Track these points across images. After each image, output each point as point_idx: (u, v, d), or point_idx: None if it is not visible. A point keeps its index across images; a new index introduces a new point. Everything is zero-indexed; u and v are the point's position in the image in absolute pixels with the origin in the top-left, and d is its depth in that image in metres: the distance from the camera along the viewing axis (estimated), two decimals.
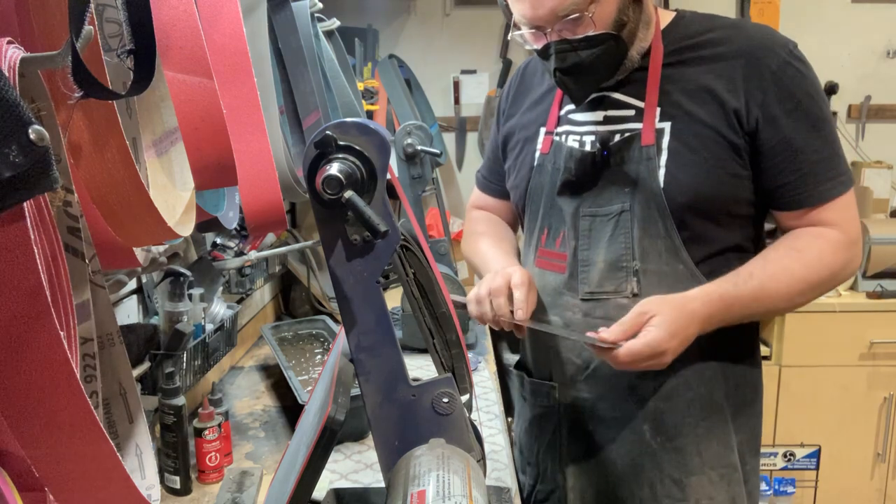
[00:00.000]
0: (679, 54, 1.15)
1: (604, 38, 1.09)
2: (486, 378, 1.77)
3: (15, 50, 0.45)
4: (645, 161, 1.12)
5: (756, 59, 1.09)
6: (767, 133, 1.09)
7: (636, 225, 1.14)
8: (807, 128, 1.09)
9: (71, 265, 0.56)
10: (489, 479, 1.04)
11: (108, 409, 0.71)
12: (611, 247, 1.16)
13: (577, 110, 1.22)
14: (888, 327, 2.64)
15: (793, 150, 1.09)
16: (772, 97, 1.08)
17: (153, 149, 0.76)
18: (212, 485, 1.27)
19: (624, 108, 1.17)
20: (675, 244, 1.12)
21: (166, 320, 1.35)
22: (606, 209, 1.16)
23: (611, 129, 1.17)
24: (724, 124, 1.09)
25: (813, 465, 2.72)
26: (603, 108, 1.19)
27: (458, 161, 3.12)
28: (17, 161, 0.39)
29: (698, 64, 1.13)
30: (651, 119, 1.13)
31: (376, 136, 0.76)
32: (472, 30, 3.00)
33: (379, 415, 0.83)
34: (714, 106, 1.10)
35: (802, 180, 1.10)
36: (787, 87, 1.08)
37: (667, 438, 1.18)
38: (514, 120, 1.35)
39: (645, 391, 1.18)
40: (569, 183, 1.20)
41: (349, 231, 0.78)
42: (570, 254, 1.20)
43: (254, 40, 1.06)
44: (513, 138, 1.34)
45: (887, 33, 2.94)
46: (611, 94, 1.18)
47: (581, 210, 1.18)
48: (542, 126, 1.27)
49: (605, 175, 1.17)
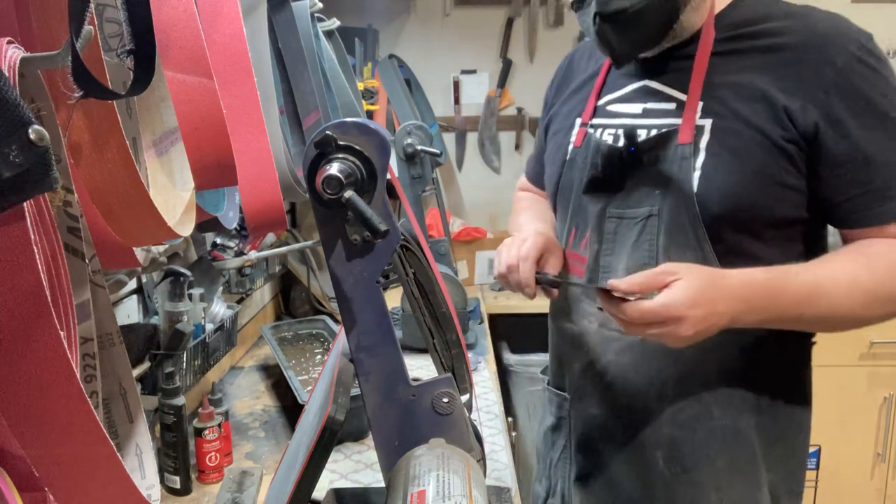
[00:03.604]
0: (731, 42, 1.01)
1: None
2: (486, 378, 1.77)
3: (15, 50, 0.45)
4: (679, 161, 0.99)
5: (819, 53, 0.94)
6: (830, 138, 0.94)
7: (663, 231, 1.01)
8: (880, 134, 0.93)
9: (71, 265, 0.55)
10: (489, 479, 1.04)
11: (108, 409, 0.71)
12: (634, 254, 1.04)
13: (615, 101, 1.11)
14: (888, 327, 2.61)
15: (862, 158, 0.93)
16: (835, 97, 0.93)
17: (153, 149, 0.76)
18: (212, 485, 1.27)
19: (665, 100, 1.05)
20: (707, 257, 0.98)
21: (166, 320, 1.34)
22: (634, 211, 1.04)
23: (647, 124, 1.05)
24: (771, 125, 0.95)
25: (813, 465, 2.72)
26: (642, 99, 1.07)
27: (458, 161, 3.12)
28: (17, 161, 0.39)
29: (750, 55, 0.99)
30: (692, 114, 0.99)
31: (376, 136, 0.76)
32: (472, 30, 3.00)
33: (379, 415, 0.83)
34: (762, 104, 0.96)
35: (872, 195, 0.94)
36: (856, 86, 0.93)
37: (682, 470, 1.05)
38: (554, 109, 1.26)
39: (660, 415, 1.05)
40: (596, 180, 1.09)
41: (349, 231, 0.78)
42: (592, 258, 1.10)
43: (254, 40, 1.06)
44: (552, 128, 1.25)
45: (887, 33, 2.94)
46: (651, 83, 1.07)
47: (608, 211, 1.08)
48: (578, 117, 1.17)
49: (636, 174, 1.05)
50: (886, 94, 0.94)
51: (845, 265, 0.94)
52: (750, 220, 0.98)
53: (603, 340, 1.09)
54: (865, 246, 0.95)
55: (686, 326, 0.88)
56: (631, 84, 1.10)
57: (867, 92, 0.93)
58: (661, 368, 1.04)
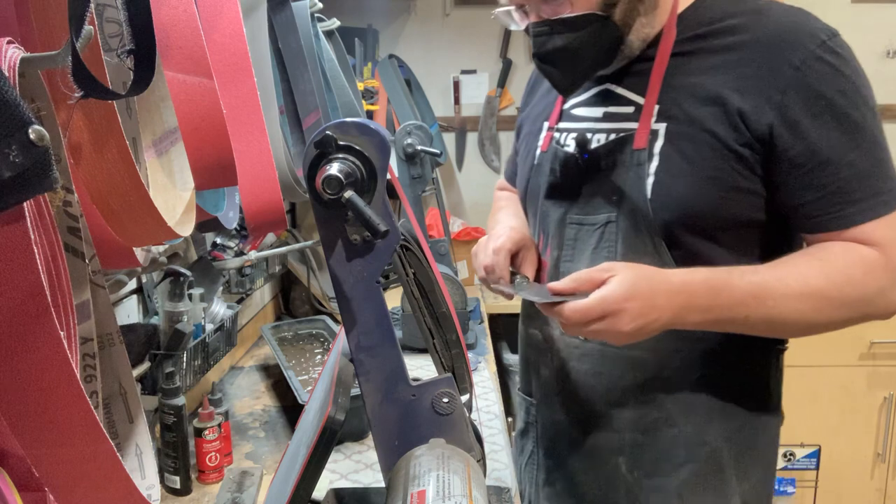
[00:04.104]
0: (692, 42, 0.98)
1: (587, 20, 0.95)
2: (486, 378, 1.77)
3: (15, 50, 0.45)
4: (635, 167, 0.97)
5: (776, 51, 0.91)
6: (785, 140, 0.90)
7: (620, 238, 0.99)
8: (838, 135, 0.89)
9: (71, 265, 0.56)
10: (489, 479, 1.04)
11: (108, 409, 0.71)
12: (593, 261, 1.01)
13: (579, 105, 1.09)
14: (888, 327, 2.64)
15: (819, 161, 0.90)
16: (793, 97, 0.89)
17: (153, 149, 0.76)
18: (212, 485, 1.27)
19: (625, 104, 1.02)
20: (665, 262, 0.96)
21: (166, 320, 1.34)
22: (593, 218, 1.03)
23: (607, 128, 1.03)
24: (725, 128, 0.92)
25: (813, 465, 2.73)
26: (603, 103, 1.05)
27: (458, 161, 3.12)
28: (17, 161, 0.39)
29: (709, 55, 0.96)
30: (647, 119, 0.97)
31: (376, 136, 0.76)
32: (472, 30, 3.00)
33: (379, 415, 0.83)
34: (716, 107, 0.93)
35: (829, 199, 0.90)
36: (814, 86, 0.89)
37: (644, 475, 1.04)
38: (526, 111, 1.25)
39: (621, 420, 1.04)
40: (556, 187, 1.08)
41: (349, 231, 0.78)
42: (552, 265, 1.09)
43: (254, 40, 1.06)
44: (523, 130, 1.24)
45: (887, 33, 2.94)
46: (613, 87, 1.04)
47: (568, 217, 1.06)
48: (545, 120, 1.16)
49: (594, 180, 1.03)
50: (847, 93, 0.90)
51: (797, 268, 0.91)
52: (705, 226, 0.96)
53: (566, 346, 1.09)
54: (821, 249, 0.92)
55: (624, 320, 0.86)
56: (593, 88, 1.08)
57: (826, 91, 0.89)
58: (622, 374, 1.03)
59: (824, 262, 0.90)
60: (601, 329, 0.87)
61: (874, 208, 0.90)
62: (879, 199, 0.90)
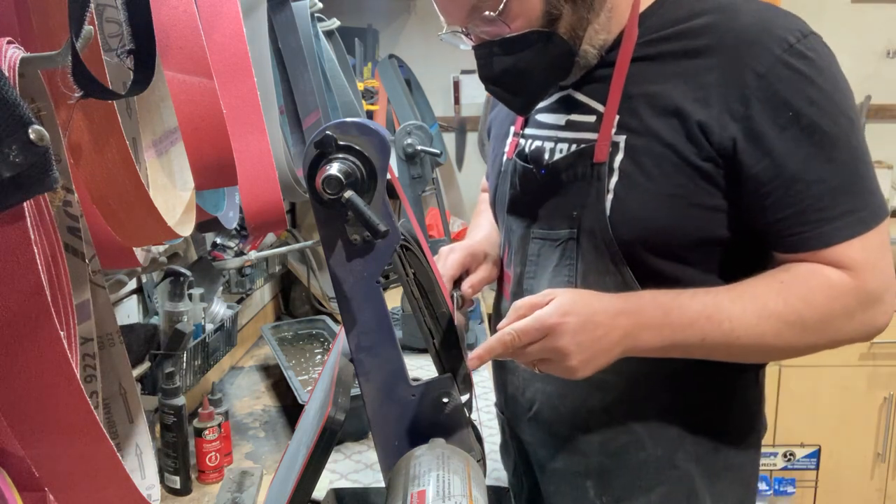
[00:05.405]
0: (653, 46, 0.89)
1: (529, 39, 0.88)
2: (486, 378, 1.77)
3: (15, 50, 0.45)
4: (595, 182, 0.90)
5: (739, 57, 0.83)
6: (750, 155, 0.83)
7: (580, 257, 0.94)
8: (808, 148, 0.82)
9: (71, 265, 0.56)
10: (489, 479, 1.04)
11: (108, 409, 0.71)
12: (555, 278, 0.96)
13: (542, 110, 1.02)
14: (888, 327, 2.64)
15: (786, 178, 0.82)
16: (757, 108, 0.81)
17: (153, 149, 0.76)
18: (212, 485, 1.27)
19: (587, 112, 0.94)
20: (627, 280, 0.90)
21: (166, 320, 1.34)
22: (556, 233, 0.96)
23: (570, 137, 0.96)
24: (684, 143, 0.85)
25: (813, 465, 2.73)
26: (566, 110, 0.97)
27: (458, 161, 3.12)
28: (17, 161, 0.39)
29: (669, 61, 0.88)
30: (607, 130, 0.89)
31: (376, 136, 0.76)
32: None
33: (379, 415, 0.83)
34: (676, 119, 0.85)
35: (798, 217, 0.83)
36: (781, 95, 0.81)
37: (613, 500, 0.99)
38: (494, 111, 1.18)
39: (588, 444, 0.99)
40: (517, 201, 1.03)
41: (349, 231, 0.78)
42: (515, 281, 1.04)
43: (254, 40, 1.06)
44: (492, 133, 1.17)
45: (887, 33, 2.94)
46: (574, 93, 0.97)
47: (532, 231, 1.00)
48: (512, 125, 1.08)
49: (556, 194, 0.96)
50: (817, 101, 0.81)
51: (755, 290, 0.84)
52: (668, 244, 0.89)
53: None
54: (784, 271, 0.86)
55: (565, 338, 0.80)
56: (556, 93, 1.00)
57: (793, 101, 0.81)
58: (586, 398, 0.99)
59: (784, 285, 0.84)
60: (543, 348, 0.81)
61: (850, 226, 0.83)
62: (855, 216, 0.83)
